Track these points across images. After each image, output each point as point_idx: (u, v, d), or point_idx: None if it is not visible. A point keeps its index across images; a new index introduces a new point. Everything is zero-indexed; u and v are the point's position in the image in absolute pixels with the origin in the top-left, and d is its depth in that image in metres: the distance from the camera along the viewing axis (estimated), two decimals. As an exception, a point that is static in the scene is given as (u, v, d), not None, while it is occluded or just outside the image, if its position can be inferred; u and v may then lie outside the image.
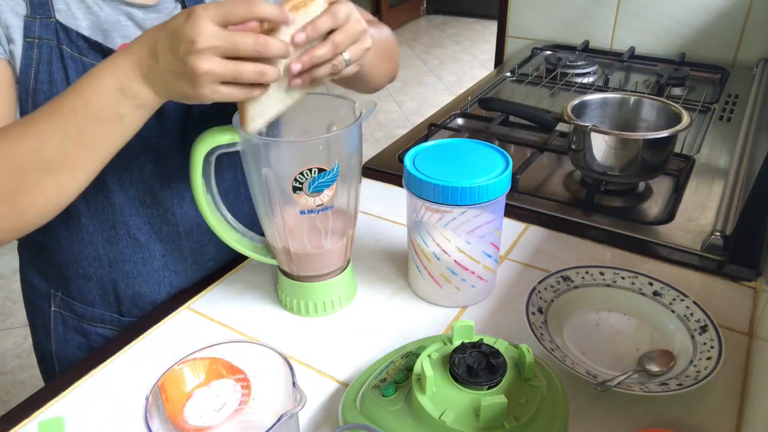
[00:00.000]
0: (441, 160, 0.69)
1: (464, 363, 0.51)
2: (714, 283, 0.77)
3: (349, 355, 0.67)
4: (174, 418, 0.49)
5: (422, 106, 3.78)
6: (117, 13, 0.68)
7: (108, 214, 0.72)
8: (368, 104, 0.66)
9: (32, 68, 0.63)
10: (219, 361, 0.52)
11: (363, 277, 0.79)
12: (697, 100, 1.27)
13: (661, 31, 1.53)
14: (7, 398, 1.85)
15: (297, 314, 0.73)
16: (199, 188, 0.65)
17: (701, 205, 0.92)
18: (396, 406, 0.52)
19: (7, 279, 2.34)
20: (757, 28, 1.42)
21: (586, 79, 1.44)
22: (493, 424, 0.47)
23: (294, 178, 0.62)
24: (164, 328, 0.72)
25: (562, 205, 0.94)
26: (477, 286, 0.72)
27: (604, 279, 0.72)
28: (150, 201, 0.74)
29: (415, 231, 0.71)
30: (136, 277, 0.77)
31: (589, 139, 0.92)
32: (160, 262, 0.77)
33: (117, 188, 0.71)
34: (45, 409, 0.62)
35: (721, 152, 1.07)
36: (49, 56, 0.64)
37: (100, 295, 0.78)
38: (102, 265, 0.76)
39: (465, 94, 1.38)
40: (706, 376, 0.58)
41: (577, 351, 0.66)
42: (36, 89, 0.64)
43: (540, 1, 1.65)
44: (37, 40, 0.63)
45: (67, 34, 0.64)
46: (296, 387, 0.47)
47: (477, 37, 5.08)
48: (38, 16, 0.63)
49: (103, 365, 0.67)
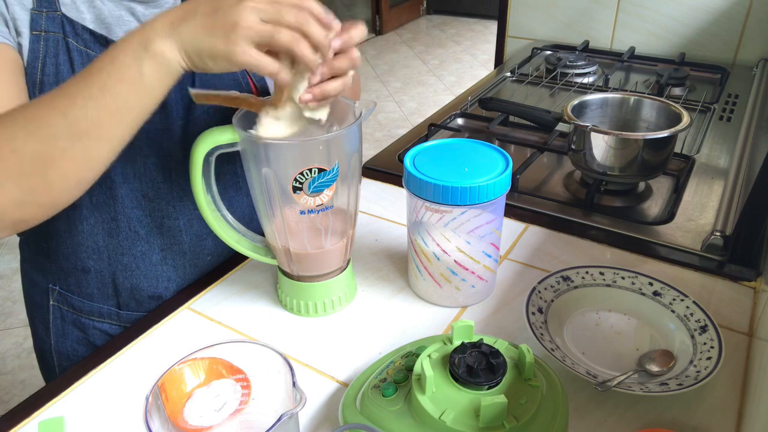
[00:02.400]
0: (441, 160, 0.69)
1: (464, 363, 0.51)
2: (714, 283, 0.77)
3: (349, 355, 0.67)
4: (174, 418, 0.49)
5: (422, 106, 3.78)
6: (119, 8, 0.69)
7: (110, 207, 0.73)
8: (368, 104, 0.66)
9: (39, 61, 0.64)
10: (219, 361, 0.52)
11: (363, 277, 0.79)
12: (697, 100, 1.27)
13: (661, 31, 1.53)
14: (7, 398, 1.85)
15: (297, 314, 0.73)
16: (199, 188, 0.65)
17: (701, 205, 0.92)
18: (396, 406, 0.52)
19: (7, 279, 2.34)
20: (757, 28, 1.42)
21: (586, 79, 1.44)
22: (493, 424, 0.47)
23: (294, 178, 0.62)
24: (164, 328, 0.72)
25: (562, 205, 0.94)
26: (477, 286, 0.72)
27: (604, 279, 0.72)
28: (152, 194, 0.74)
29: (415, 231, 0.71)
30: (134, 270, 0.77)
31: (589, 139, 0.92)
32: (158, 256, 0.78)
33: (120, 180, 0.71)
34: (45, 409, 0.62)
35: (721, 152, 1.07)
36: (55, 49, 0.64)
37: (98, 288, 0.78)
38: (101, 257, 0.76)
39: (465, 94, 1.38)
40: (706, 376, 0.58)
41: (577, 351, 0.66)
42: (43, 81, 0.64)
43: (540, 1, 1.65)
44: (44, 33, 0.64)
45: (73, 27, 0.65)
46: (296, 387, 0.47)
47: (477, 37, 5.08)
48: (45, 10, 0.64)
49: (103, 365, 0.67)
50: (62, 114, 0.54)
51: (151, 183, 0.73)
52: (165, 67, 0.54)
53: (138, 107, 0.56)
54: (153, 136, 0.71)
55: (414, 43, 5.01)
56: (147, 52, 0.53)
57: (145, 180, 0.73)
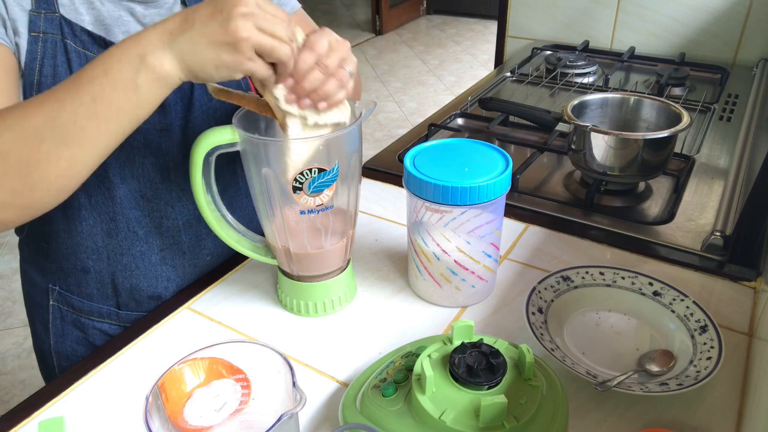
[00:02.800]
0: (441, 160, 0.69)
1: (464, 363, 0.51)
2: (714, 283, 0.77)
3: (349, 355, 0.67)
4: (174, 418, 0.49)
5: (422, 106, 3.78)
6: (118, 8, 0.69)
7: (108, 207, 0.73)
8: (368, 104, 0.66)
9: (37, 62, 0.64)
10: (219, 361, 0.52)
11: (363, 277, 0.79)
12: (697, 100, 1.27)
13: (661, 31, 1.53)
14: (7, 398, 1.85)
15: (297, 314, 0.73)
16: (199, 188, 0.65)
17: (701, 205, 0.92)
18: (396, 406, 0.52)
19: (7, 279, 2.34)
20: (757, 28, 1.42)
21: (586, 79, 1.44)
22: (493, 424, 0.48)
23: (294, 178, 0.62)
24: (164, 328, 0.72)
25: (562, 205, 0.94)
26: (477, 286, 0.72)
27: (604, 279, 0.72)
28: (151, 194, 0.74)
29: (415, 231, 0.71)
30: (134, 270, 0.77)
31: (589, 139, 0.92)
32: (158, 256, 0.78)
33: (118, 181, 0.71)
34: (45, 409, 0.62)
35: (721, 152, 1.07)
36: (53, 50, 0.64)
37: (98, 288, 0.78)
38: (101, 257, 0.76)
39: (465, 94, 1.38)
40: (706, 376, 0.58)
41: (577, 351, 0.66)
42: (40, 82, 0.64)
43: (540, 1, 1.65)
44: (42, 34, 0.64)
45: (71, 28, 0.65)
46: (296, 387, 0.47)
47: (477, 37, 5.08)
48: (43, 11, 0.64)
49: (103, 365, 0.67)
50: (51, 119, 0.53)
51: (149, 183, 0.73)
52: (162, 79, 0.54)
53: (129, 117, 0.56)
54: (151, 136, 0.71)
55: (414, 43, 5.01)
56: (144, 64, 0.53)
57: (144, 180, 0.73)
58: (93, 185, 0.71)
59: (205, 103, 0.74)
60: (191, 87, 0.73)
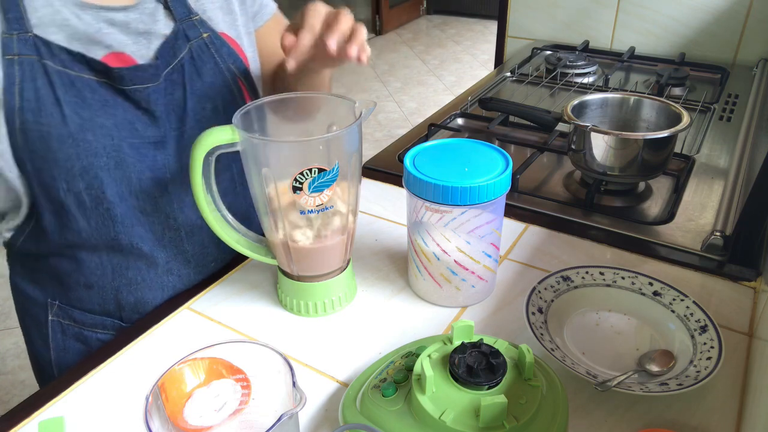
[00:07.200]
0: (441, 160, 0.69)
1: (464, 363, 0.51)
2: (714, 283, 0.77)
3: (349, 355, 0.67)
4: (174, 418, 0.49)
5: (422, 106, 3.78)
6: (97, 20, 0.66)
7: (109, 227, 0.71)
8: (368, 104, 0.66)
9: (16, 86, 0.61)
10: (219, 361, 0.52)
11: (363, 277, 0.79)
12: (697, 100, 1.27)
13: (661, 31, 1.53)
14: (7, 398, 1.85)
15: (297, 314, 0.73)
16: (199, 188, 0.65)
17: (701, 205, 0.92)
18: (396, 406, 0.52)
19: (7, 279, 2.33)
20: (757, 28, 1.42)
21: (586, 79, 1.44)
22: (493, 424, 0.47)
23: (294, 178, 0.62)
24: (164, 328, 0.72)
25: (562, 205, 0.94)
26: (477, 286, 0.72)
27: (604, 279, 0.72)
28: (150, 209, 0.73)
29: (415, 231, 0.71)
30: (139, 284, 0.76)
31: (589, 139, 0.92)
32: (164, 268, 0.77)
33: (117, 201, 0.69)
34: (45, 409, 0.62)
35: (721, 152, 1.07)
36: (32, 73, 0.62)
37: (100, 304, 0.77)
38: (105, 273, 0.75)
39: (465, 94, 1.38)
40: (706, 376, 0.58)
41: (577, 351, 0.66)
42: (23, 107, 0.62)
43: (540, 1, 1.65)
44: (17, 56, 0.61)
45: (48, 48, 0.63)
46: (296, 387, 0.47)
47: (477, 37, 5.08)
48: (15, 32, 0.61)
49: (103, 365, 0.67)
50: None
51: (148, 198, 0.72)
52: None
53: None
54: (145, 150, 0.69)
55: (414, 43, 5.01)
56: None
57: (142, 196, 0.71)
58: (91, 208, 0.68)
59: (198, 113, 0.73)
60: (184, 97, 0.72)
